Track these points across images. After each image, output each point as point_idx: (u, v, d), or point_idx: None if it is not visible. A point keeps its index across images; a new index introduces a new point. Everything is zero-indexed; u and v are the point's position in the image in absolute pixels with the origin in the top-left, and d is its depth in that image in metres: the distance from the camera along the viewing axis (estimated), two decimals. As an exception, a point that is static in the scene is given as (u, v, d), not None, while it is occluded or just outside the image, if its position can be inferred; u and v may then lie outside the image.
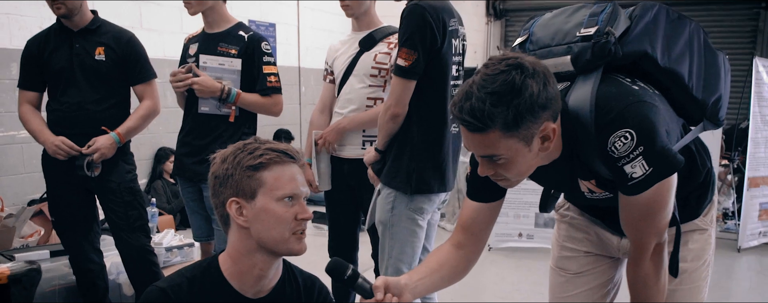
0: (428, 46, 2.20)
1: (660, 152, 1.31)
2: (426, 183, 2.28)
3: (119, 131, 2.74)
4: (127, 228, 2.77)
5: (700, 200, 1.64)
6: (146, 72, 2.84)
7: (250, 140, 1.43)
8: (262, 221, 1.37)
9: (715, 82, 1.56)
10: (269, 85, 2.70)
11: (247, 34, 2.70)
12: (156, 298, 1.40)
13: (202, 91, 2.61)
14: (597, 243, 1.77)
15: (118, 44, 2.75)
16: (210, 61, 2.66)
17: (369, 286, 1.40)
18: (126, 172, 2.81)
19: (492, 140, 1.26)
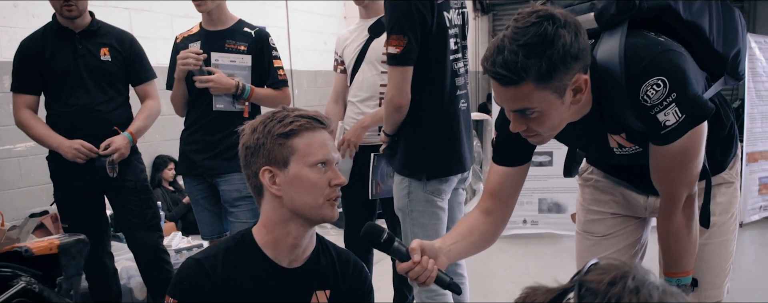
0: (418, 28, 2.11)
1: (692, 99, 1.32)
2: (439, 167, 2.25)
3: (131, 131, 2.75)
4: (144, 227, 2.77)
5: (726, 153, 1.65)
6: (148, 72, 2.87)
7: (279, 109, 1.43)
8: (296, 188, 1.37)
9: (733, 36, 1.57)
10: (280, 79, 2.73)
11: (253, 30, 2.72)
12: (190, 269, 1.41)
13: (218, 89, 2.61)
14: (623, 204, 1.77)
15: (121, 45, 2.76)
16: (222, 58, 2.66)
17: (405, 250, 1.40)
18: (140, 171, 2.83)
19: (525, 93, 1.26)
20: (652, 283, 0.78)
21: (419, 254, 1.38)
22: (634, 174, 1.66)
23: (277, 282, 1.43)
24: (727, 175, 1.67)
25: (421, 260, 1.37)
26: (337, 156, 1.44)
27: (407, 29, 2.11)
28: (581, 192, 1.89)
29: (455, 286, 1.44)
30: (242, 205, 2.68)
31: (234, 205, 2.69)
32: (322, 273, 1.49)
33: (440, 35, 2.18)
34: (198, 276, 1.38)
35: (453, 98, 2.25)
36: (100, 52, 2.71)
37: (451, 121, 2.26)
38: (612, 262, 0.82)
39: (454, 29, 2.24)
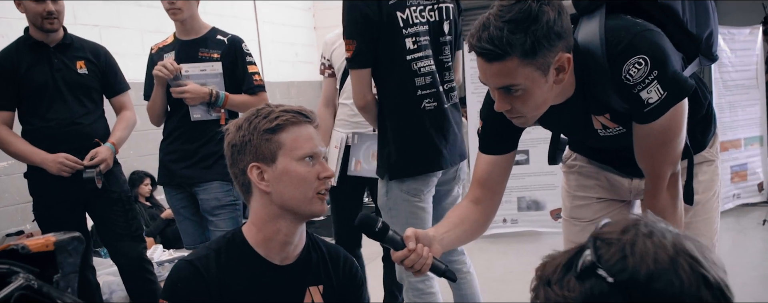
0: (364, 31, 2.12)
1: (673, 76, 1.35)
2: (407, 166, 2.23)
3: (113, 142, 2.74)
4: (129, 237, 2.75)
5: (705, 132, 1.70)
6: (123, 83, 2.89)
7: (263, 105, 1.43)
8: (285, 183, 1.37)
9: (705, 17, 1.61)
10: (256, 84, 2.74)
11: (226, 37, 2.74)
12: (183, 271, 1.40)
13: (193, 99, 2.62)
14: (608, 188, 1.80)
15: (97, 58, 2.77)
16: (191, 68, 2.67)
17: (400, 238, 1.41)
18: (123, 182, 2.83)
19: (510, 69, 1.29)
20: (664, 227, 0.80)
21: (414, 242, 1.39)
22: (618, 157, 1.69)
23: (271, 280, 1.43)
24: (707, 153, 1.71)
25: (416, 248, 1.38)
26: (324, 149, 1.44)
27: (354, 33, 2.14)
28: (566, 179, 1.91)
29: (450, 273, 1.45)
30: (222, 213, 2.69)
31: (213, 214, 2.69)
32: (314, 269, 1.49)
33: (391, 36, 2.16)
34: (192, 277, 1.38)
35: (413, 98, 2.20)
36: (76, 66, 2.70)
37: (414, 121, 2.22)
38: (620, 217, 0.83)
39: (415, 28, 2.18)
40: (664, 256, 0.76)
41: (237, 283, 1.40)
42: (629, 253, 0.77)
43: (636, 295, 0.76)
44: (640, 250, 0.77)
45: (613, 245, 0.79)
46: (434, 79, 2.22)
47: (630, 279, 0.76)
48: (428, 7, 2.22)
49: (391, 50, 2.17)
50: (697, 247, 0.79)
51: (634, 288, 0.76)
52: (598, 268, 0.78)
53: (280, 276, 1.44)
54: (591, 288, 0.78)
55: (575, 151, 1.86)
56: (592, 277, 0.78)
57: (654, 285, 0.75)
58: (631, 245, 0.78)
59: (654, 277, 0.75)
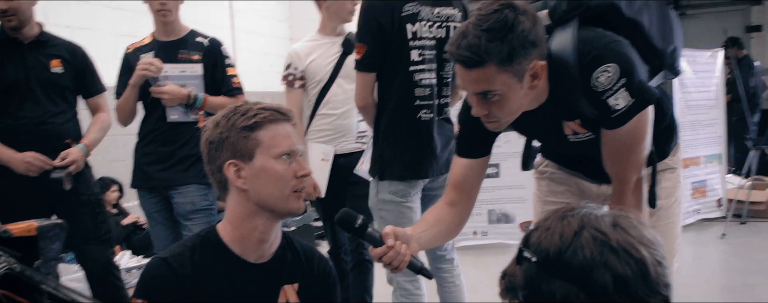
0: (375, 37, 2.24)
1: (639, 84, 1.44)
2: (396, 169, 2.32)
3: (86, 143, 2.70)
4: (97, 241, 2.70)
5: (668, 141, 1.79)
6: (99, 84, 2.84)
7: (241, 103, 1.45)
8: (262, 181, 1.38)
9: (670, 33, 1.71)
10: (235, 87, 2.75)
11: (206, 40, 2.75)
12: (158, 268, 1.39)
13: (172, 100, 2.62)
14: (577, 193, 1.88)
15: (73, 56, 2.73)
16: (170, 69, 2.67)
17: (379, 235, 1.44)
18: (93, 184, 2.78)
19: (487, 75, 1.36)
20: (585, 211, 0.93)
21: (393, 239, 1.43)
22: (587, 163, 1.77)
23: (246, 278, 1.43)
24: (670, 161, 1.81)
25: (394, 245, 1.42)
26: (302, 147, 1.46)
27: (367, 38, 2.27)
28: (537, 185, 1.99)
29: (426, 271, 1.49)
30: (196, 218, 2.67)
31: (188, 218, 2.67)
32: (290, 267, 1.50)
33: (399, 46, 2.28)
34: (166, 275, 1.37)
35: (411, 107, 2.31)
36: (50, 64, 2.66)
37: (408, 128, 2.32)
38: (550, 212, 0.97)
39: (421, 41, 2.29)
40: (569, 231, 0.89)
41: (212, 281, 1.40)
42: (544, 235, 0.91)
43: (554, 270, 0.89)
44: (552, 230, 0.91)
45: (537, 231, 0.94)
46: (433, 93, 2.33)
47: (545, 256, 0.89)
48: (437, 24, 2.32)
49: (397, 59, 2.28)
50: (612, 220, 0.92)
51: (550, 263, 0.89)
52: (524, 251, 0.92)
53: (255, 274, 1.44)
54: (526, 270, 0.91)
55: (547, 158, 1.94)
56: (524, 261, 0.92)
57: (563, 257, 0.88)
58: (546, 229, 0.92)
59: (562, 250, 0.88)
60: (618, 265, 0.86)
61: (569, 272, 0.87)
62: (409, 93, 2.30)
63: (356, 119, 2.86)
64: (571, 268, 0.87)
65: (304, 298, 1.51)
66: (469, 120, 1.60)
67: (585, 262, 0.86)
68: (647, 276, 0.88)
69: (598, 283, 0.86)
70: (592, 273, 0.86)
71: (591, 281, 0.86)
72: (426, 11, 2.30)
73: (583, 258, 0.87)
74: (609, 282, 0.86)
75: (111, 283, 2.78)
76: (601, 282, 0.86)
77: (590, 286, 0.86)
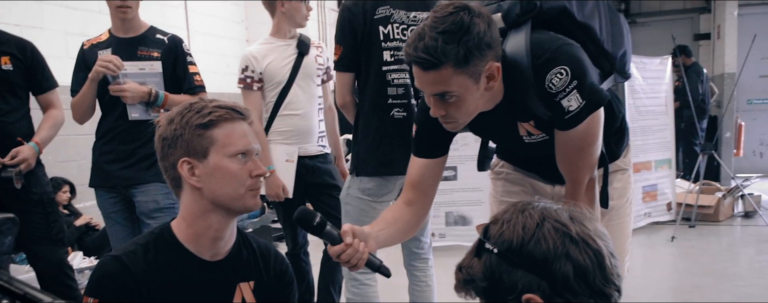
0: (350, 39, 2.33)
1: (590, 86, 1.47)
2: (370, 166, 2.40)
3: (37, 141, 2.62)
4: (49, 241, 2.63)
5: (619, 143, 1.83)
6: (51, 80, 2.77)
7: (196, 100, 1.42)
8: (216, 179, 1.36)
9: (620, 37, 1.75)
10: (197, 84, 2.71)
11: (166, 37, 2.70)
12: (110, 266, 1.36)
13: (133, 98, 2.57)
14: (532, 194, 1.91)
15: (23, 53, 2.65)
16: (130, 67, 2.61)
17: (337, 233, 1.44)
18: (45, 183, 2.70)
19: (444, 77, 1.37)
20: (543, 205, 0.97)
21: (351, 237, 1.43)
22: (541, 164, 1.80)
23: (201, 276, 1.42)
24: (621, 162, 1.85)
25: (352, 243, 1.42)
26: (257, 147, 1.44)
27: (343, 39, 2.37)
28: (493, 185, 2.01)
29: (385, 269, 1.49)
30: (160, 216, 2.62)
31: (151, 216, 2.62)
32: (245, 265, 1.49)
33: (372, 47, 2.36)
34: (119, 273, 1.34)
35: (384, 106, 2.38)
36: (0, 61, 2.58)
37: (380, 126, 2.39)
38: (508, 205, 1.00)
39: (394, 43, 2.37)
40: (531, 223, 0.93)
41: (166, 279, 1.38)
42: (506, 227, 0.94)
43: (516, 260, 0.92)
44: (513, 222, 0.94)
45: (497, 224, 0.97)
46: (407, 92, 2.39)
47: (508, 247, 0.93)
48: (412, 27, 2.38)
49: (371, 59, 2.37)
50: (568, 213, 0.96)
51: (513, 253, 0.92)
52: (485, 243, 0.95)
53: (210, 272, 1.43)
54: (485, 262, 0.94)
55: (502, 159, 1.96)
56: (484, 253, 0.95)
57: (526, 247, 0.91)
58: (507, 221, 0.95)
59: (525, 241, 0.92)
60: (579, 256, 0.90)
61: (532, 262, 0.90)
62: (383, 92, 2.37)
63: (317, 120, 2.90)
64: (533, 259, 0.90)
65: (259, 296, 1.50)
66: (426, 120, 1.61)
67: (547, 252, 0.90)
68: (603, 266, 0.92)
69: (561, 272, 0.89)
70: (555, 263, 0.89)
71: (553, 271, 0.89)
72: (399, 14, 2.37)
73: (546, 248, 0.90)
74: (570, 271, 0.89)
75: (64, 284, 2.71)
76: (563, 271, 0.89)
77: (552, 275, 0.89)
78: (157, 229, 1.45)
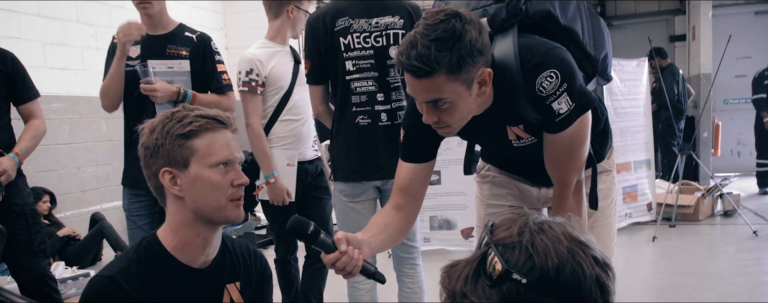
0: (314, 53, 2.44)
1: (579, 89, 1.49)
2: (342, 172, 2.49)
3: (17, 152, 2.59)
4: (30, 252, 2.59)
5: (603, 144, 1.85)
6: (32, 90, 2.73)
7: (178, 108, 1.42)
8: (198, 189, 1.36)
9: (601, 41, 1.78)
10: (224, 83, 2.70)
11: (195, 35, 2.68)
12: (104, 288, 1.33)
13: (163, 97, 2.54)
14: (519, 196, 1.92)
15: (3, 63, 2.63)
16: (158, 65, 2.59)
17: (331, 241, 1.43)
18: (27, 194, 2.66)
19: (437, 84, 1.37)
20: (547, 220, 0.90)
21: (345, 244, 1.42)
22: (528, 167, 1.82)
23: (193, 284, 1.43)
24: (606, 164, 1.87)
25: (347, 250, 1.41)
26: (240, 155, 1.43)
27: (308, 54, 2.47)
28: (479, 188, 2.02)
29: (379, 275, 1.48)
30: None
31: None
32: (231, 267, 1.51)
33: (335, 58, 2.43)
34: (115, 294, 1.32)
35: (349, 114, 2.44)
36: None
37: (347, 134, 2.46)
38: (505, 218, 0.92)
39: (355, 52, 2.41)
40: (562, 248, 0.85)
41: (161, 292, 1.38)
42: (533, 253, 0.85)
43: (548, 289, 0.84)
44: (541, 247, 0.85)
45: (516, 248, 0.86)
46: (371, 99, 2.43)
47: (541, 276, 0.84)
48: (375, 34, 2.42)
49: (336, 70, 2.44)
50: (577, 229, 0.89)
51: (545, 283, 0.84)
52: (512, 273, 0.85)
53: (201, 279, 1.44)
54: (507, 292, 0.85)
55: (488, 162, 1.97)
56: (506, 282, 0.85)
57: (561, 276, 0.84)
58: (531, 245, 0.85)
59: (560, 269, 0.84)
60: (606, 280, 0.86)
61: (566, 290, 0.84)
62: (347, 100, 2.45)
63: (312, 125, 2.97)
64: (567, 287, 0.84)
65: (245, 295, 1.53)
66: (413, 125, 1.62)
67: (582, 280, 0.84)
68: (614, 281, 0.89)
69: (591, 297, 0.85)
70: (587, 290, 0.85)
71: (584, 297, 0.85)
72: (359, 23, 2.41)
73: (581, 276, 0.84)
74: (598, 295, 0.85)
75: (47, 296, 2.68)
76: (594, 297, 0.85)
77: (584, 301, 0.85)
78: (144, 240, 1.44)
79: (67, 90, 5.22)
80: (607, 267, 0.87)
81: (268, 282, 1.61)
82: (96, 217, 4.98)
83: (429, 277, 4.41)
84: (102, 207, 5.52)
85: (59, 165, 5.23)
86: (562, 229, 0.88)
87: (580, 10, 1.73)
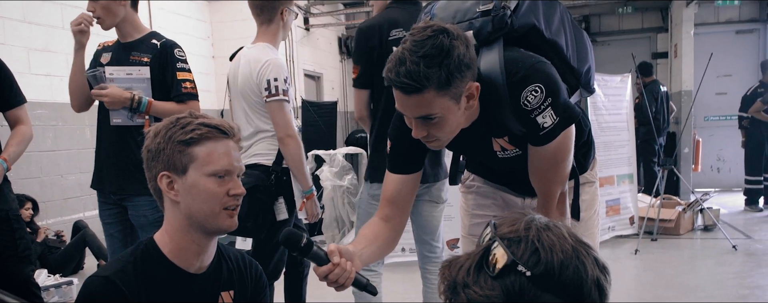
0: (367, 58, 2.57)
1: (564, 103, 1.52)
2: (374, 173, 2.62)
3: (5, 157, 2.56)
4: (15, 259, 2.55)
5: (586, 156, 1.89)
6: (19, 96, 2.71)
7: (185, 114, 1.43)
8: (193, 196, 1.38)
9: (585, 54, 1.81)
10: (184, 91, 2.65)
11: (160, 42, 2.67)
12: (100, 288, 1.34)
13: (113, 103, 2.54)
14: (503, 206, 1.95)
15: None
16: (116, 72, 2.60)
17: (324, 253, 1.42)
18: (11, 200, 2.62)
19: (427, 100, 1.39)
20: (550, 220, 0.92)
21: (338, 256, 1.41)
22: (513, 178, 1.84)
23: (188, 289, 1.44)
24: (589, 175, 1.90)
25: (340, 262, 1.40)
26: (240, 166, 1.44)
27: (360, 59, 2.61)
28: (464, 199, 2.04)
29: (372, 287, 1.47)
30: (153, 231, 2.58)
31: (146, 230, 2.56)
32: (226, 275, 1.52)
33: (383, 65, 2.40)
34: (110, 294, 1.33)
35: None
36: None
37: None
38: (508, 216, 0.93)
39: None
40: (567, 245, 0.87)
41: (156, 295, 1.39)
42: (540, 247, 0.87)
43: (550, 284, 0.85)
44: (548, 243, 0.87)
45: (522, 242, 0.88)
46: None
47: (545, 271, 0.86)
48: None
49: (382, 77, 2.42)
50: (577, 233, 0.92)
51: (549, 278, 0.85)
52: (517, 265, 0.86)
53: (197, 285, 1.45)
54: (511, 284, 0.86)
55: (473, 173, 2.00)
56: (511, 274, 0.87)
57: (564, 273, 0.85)
58: (537, 240, 0.87)
59: (564, 265, 0.85)
60: (605, 282, 0.88)
61: (566, 289, 0.86)
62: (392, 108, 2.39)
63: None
64: (569, 285, 0.86)
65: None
66: (401, 137, 1.63)
67: (584, 279, 0.86)
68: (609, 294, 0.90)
69: (591, 298, 0.86)
70: (587, 290, 0.86)
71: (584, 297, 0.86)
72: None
73: (584, 275, 0.86)
74: (597, 298, 0.87)
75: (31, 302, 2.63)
76: (593, 298, 0.86)
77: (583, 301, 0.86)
78: (141, 243, 1.46)
79: (52, 97, 5.19)
80: (606, 271, 0.89)
81: (264, 291, 1.61)
82: (79, 225, 4.95)
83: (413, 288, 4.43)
84: (84, 215, 5.47)
85: (42, 172, 5.18)
86: (567, 229, 0.90)
87: (564, 24, 1.76)
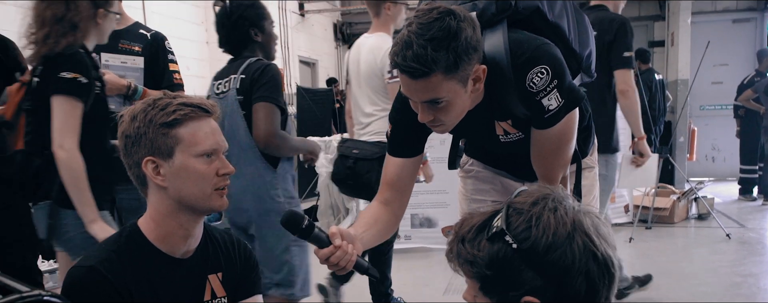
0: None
1: (569, 86, 1.50)
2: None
3: None
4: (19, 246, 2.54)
5: (586, 141, 1.87)
6: None
7: (160, 95, 1.38)
8: (182, 179, 1.34)
9: (586, 38, 1.79)
10: (175, 82, 2.66)
11: (150, 33, 2.66)
12: (85, 277, 1.31)
13: (110, 89, 2.48)
14: (502, 192, 1.94)
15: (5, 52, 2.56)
16: (112, 59, 2.57)
17: (326, 236, 1.40)
18: None
19: (435, 84, 1.35)
20: (569, 204, 0.91)
21: (340, 239, 1.39)
22: (513, 162, 1.83)
23: (175, 274, 1.41)
24: (589, 160, 1.90)
25: (341, 244, 1.38)
26: (225, 144, 1.41)
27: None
28: (463, 183, 2.03)
29: (373, 270, 1.45)
30: None
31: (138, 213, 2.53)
32: (213, 257, 1.49)
33: None
34: (98, 283, 1.30)
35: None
36: None
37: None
38: (538, 188, 0.94)
39: None
40: (562, 231, 0.87)
41: (142, 282, 1.36)
42: (534, 224, 0.88)
43: (533, 262, 0.87)
44: (544, 223, 0.88)
45: (523, 215, 0.90)
46: None
47: (531, 247, 0.87)
48: None
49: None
50: (593, 224, 0.91)
51: (533, 255, 0.87)
52: (506, 234, 0.89)
53: (183, 269, 1.42)
54: (497, 251, 0.89)
55: (472, 157, 1.98)
56: (500, 242, 0.89)
57: (550, 255, 0.87)
58: (537, 217, 0.89)
59: (551, 248, 0.87)
60: (596, 277, 0.88)
61: (550, 270, 0.86)
62: None
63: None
64: (553, 267, 0.86)
65: (229, 286, 1.50)
66: (401, 120, 1.62)
67: (570, 266, 0.86)
68: (611, 288, 0.90)
69: (574, 287, 0.87)
70: (572, 277, 0.86)
71: (567, 284, 0.86)
72: None
73: (570, 262, 0.86)
74: (582, 289, 0.87)
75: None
76: (576, 287, 0.87)
77: (565, 287, 0.86)
78: (124, 230, 1.42)
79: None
80: (606, 268, 0.89)
81: (254, 270, 1.58)
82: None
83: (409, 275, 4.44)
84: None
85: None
86: (576, 216, 0.90)
87: (566, 8, 1.74)
